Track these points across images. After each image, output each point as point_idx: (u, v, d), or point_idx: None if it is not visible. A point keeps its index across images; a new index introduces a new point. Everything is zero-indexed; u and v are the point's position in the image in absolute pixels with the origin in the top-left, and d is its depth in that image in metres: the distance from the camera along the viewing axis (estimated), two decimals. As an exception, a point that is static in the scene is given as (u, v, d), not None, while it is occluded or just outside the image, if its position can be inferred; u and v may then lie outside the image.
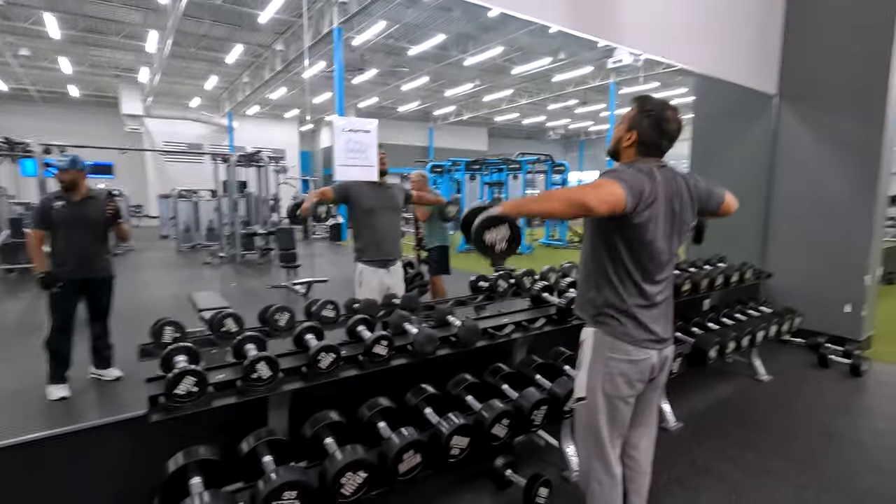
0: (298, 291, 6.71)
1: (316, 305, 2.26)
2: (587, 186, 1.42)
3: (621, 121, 1.63)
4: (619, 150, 1.63)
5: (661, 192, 1.49)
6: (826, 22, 4.08)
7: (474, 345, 2.08)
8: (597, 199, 1.35)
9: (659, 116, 1.53)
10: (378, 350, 1.80)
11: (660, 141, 1.55)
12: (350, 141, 2.28)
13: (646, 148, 1.56)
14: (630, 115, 1.59)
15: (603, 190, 1.39)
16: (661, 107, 1.55)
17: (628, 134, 1.58)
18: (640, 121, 1.55)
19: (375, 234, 3.00)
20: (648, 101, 1.57)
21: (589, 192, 1.37)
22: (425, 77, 19.66)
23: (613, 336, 1.57)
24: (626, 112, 1.63)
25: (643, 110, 1.56)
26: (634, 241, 1.50)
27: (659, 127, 1.53)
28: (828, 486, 2.29)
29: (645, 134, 1.54)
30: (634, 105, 1.60)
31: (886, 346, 4.24)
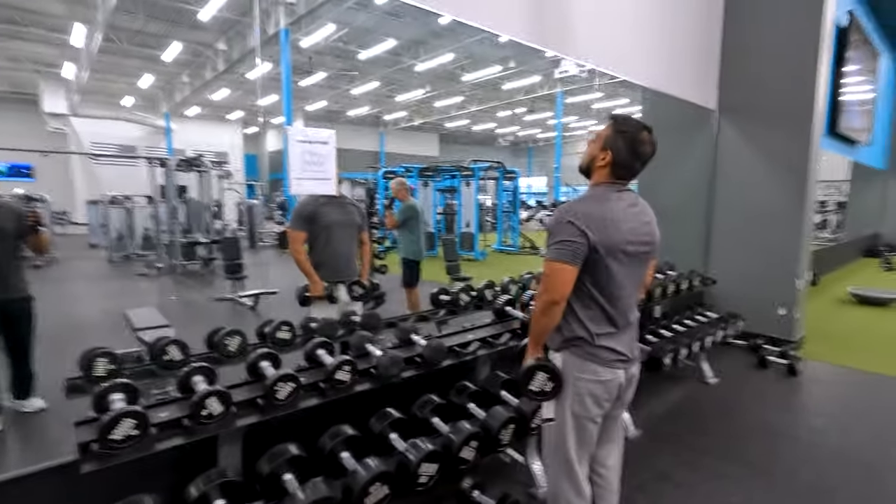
0: (246, 304, 6.38)
1: (270, 326, 2.11)
2: (544, 289, 1.52)
3: (595, 139, 1.61)
4: (592, 168, 1.61)
5: (617, 220, 1.49)
6: (756, 45, 4.35)
7: (440, 364, 2.02)
8: (557, 294, 1.48)
9: (634, 137, 1.52)
10: (340, 376, 1.69)
11: (633, 163, 1.55)
12: (306, 153, 2.15)
13: (619, 170, 1.55)
14: (605, 133, 1.57)
15: (555, 279, 1.48)
16: (636, 128, 1.54)
17: (603, 153, 1.56)
18: (615, 141, 1.54)
19: (331, 251, 2.89)
20: (624, 121, 1.56)
21: (548, 294, 1.49)
22: (376, 82, 19.48)
23: (582, 358, 1.56)
24: (600, 130, 1.61)
25: (619, 130, 1.54)
26: (595, 274, 1.52)
27: (634, 149, 1.53)
28: (777, 487, 2.39)
29: (619, 155, 1.53)
30: (609, 124, 1.58)
31: (816, 346, 4.54)
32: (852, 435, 2.95)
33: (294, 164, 2.11)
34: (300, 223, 2.80)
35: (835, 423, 3.11)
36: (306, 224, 2.79)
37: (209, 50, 15.24)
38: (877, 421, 3.17)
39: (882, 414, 3.30)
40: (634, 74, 3.58)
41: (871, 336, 5.18)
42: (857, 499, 2.33)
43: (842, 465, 2.61)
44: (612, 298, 1.54)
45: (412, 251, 5.14)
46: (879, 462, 2.63)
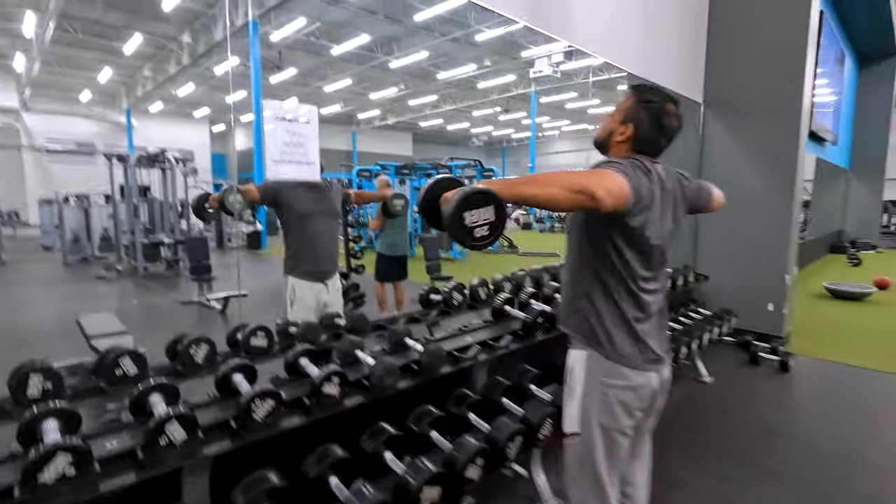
0: (214, 307, 6.00)
1: (243, 333, 1.85)
2: (589, 173, 1.19)
3: (614, 111, 1.42)
4: (609, 144, 1.42)
5: (658, 191, 1.31)
6: (743, 39, 4.29)
7: (439, 372, 1.80)
8: (604, 189, 1.12)
9: (659, 109, 1.34)
10: (328, 390, 1.45)
11: (658, 138, 1.36)
12: (285, 132, 1.89)
13: (641, 146, 1.37)
14: (625, 105, 1.39)
15: (608, 179, 1.16)
16: (662, 98, 1.36)
17: (623, 127, 1.38)
18: (638, 113, 1.36)
19: (311, 243, 2.62)
20: (648, 91, 1.38)
21: (594, 179, 1.14)
22: (349, 79, 19.07)
23: (610, 359, 1.36)
24: (620, 102, 1.43)
25: (642, 100, 1.36)
26: (629, 245, 1.31)
27: (659, 122, 1.34)
28: (786, 489, 2.27)
29: (642, 129, 1.35)
30: (631, 94, 1.39)
31: (800, 341, 4.52)
32: (850, 431, 2.87)
33: (271, 145, 1.85)
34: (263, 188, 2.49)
35: (831, 421, 3.04)
36: (267, 196, 2.48)
37: (173, 43, 14.57)
38: (871, 416, 3.12)
39: (874, 409, 3.26)
40: (628, 63, 3.45)
41: (851, 330, 5.23)
42: (862, 498, 2.22)
43: (845, 463, 2.52)
44: (642, 279, 1.35)
45: (385, 245, 5.20)
46: (882, 460, 2.55)
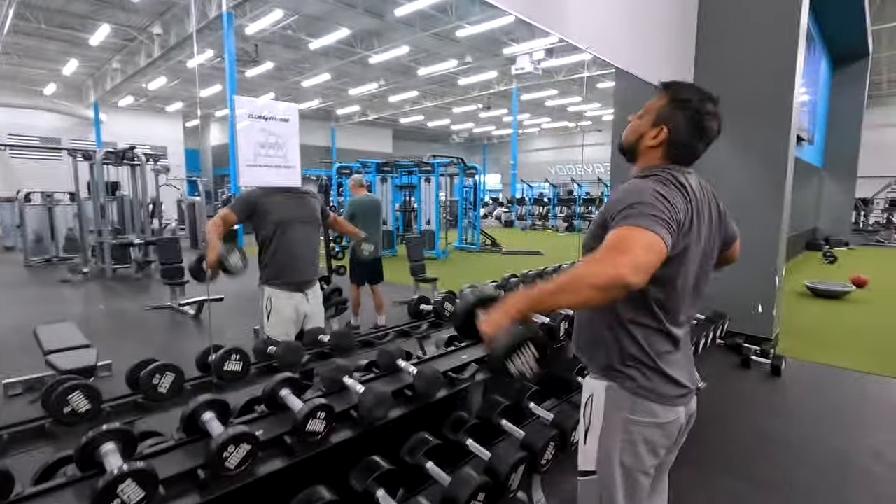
0: (187, 313, 5.71)
1: (215, 356, 1.65)
2: (617, 253, 1.00)
3: (644, 111, 1.26)
4: (639, 149, 1.26)
5: (694, 209, 1.15)
6: (732, 41, 4.22)
7: (434, 397, 1.64)
8: (632, 268, 0.96)
9: (698, 110, 1.18)
10: (313, 427, 1.28)
11: (696, 144, 1.21)
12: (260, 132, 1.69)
13: (676, 151, 1.21)
14: (658, 105, 1.23)
15: (637, 250, 0.99)
16: (701, 97, 1.20)
17: (654, 130, 1.21)
18: (673, 114, 1.20)
19: (290, 251, 2.43)
20: (684, 88, 1.22)
21: (621, 262, 0.97)
22: (327, 74, 18.67)
23: (635, 394, 1.21)
24: (650, 102, 1.26)
25: (678, 100, 1.20)
26: (662, 277, 1.12)
27: (698, 124, 1.19)
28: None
29: (679, 132, 1.19)
30: (664, 93, 1.23)
31: (787, 342, 4.51)
32: (841, 437, 2.83)
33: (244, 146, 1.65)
34: (238, 207, 2.30)
35: (823, 426, 3.00)
36: (242, 211, 2.30)
37: (143, 34, 13.98)
38: (859, 420, 3.09)
39: (860, 412, 3.24)
40: (621, 60, 3.33)
41: (833, 330, 5.26)
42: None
43: (839, 472, 2.46)
44: (672, 309, 1.20)
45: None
46: (873, 466, 2.50)
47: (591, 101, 23.86)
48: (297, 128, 1.83)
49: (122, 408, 1.43)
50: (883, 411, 3.23)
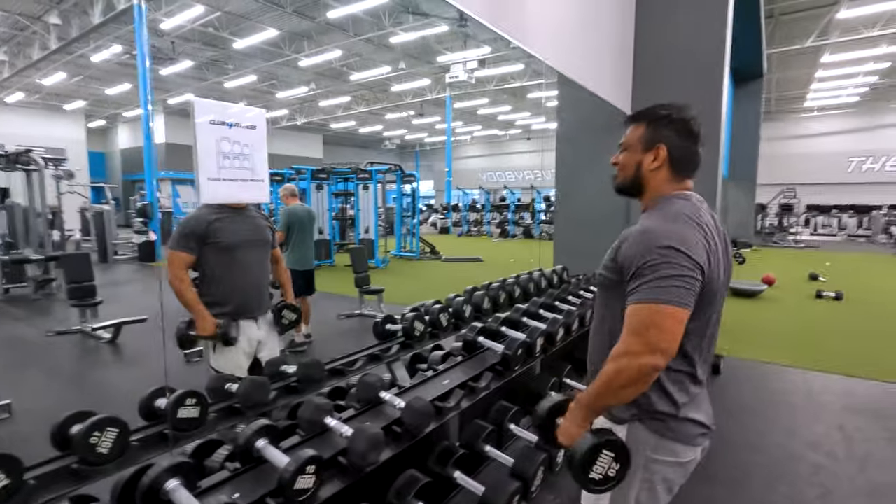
0: (101, 338, 5.08)
1: (169, 399, 1.41)
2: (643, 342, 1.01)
3: (626, 146, 1.23)
4: (643, 178, 1.21)
5: (713, 248, 1.09)
6: (666, 51, 4.48)
7: (425, 431, 1.50)
8: (664, 355, 1.01)
9: (683, 118, 1.17)
10: (302, 484, 1.10)
11: (695, 149, 1.19)
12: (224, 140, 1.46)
13: (680, 164, 1.18)
14: (639, 133, 1.20)
15: (667, 335, 1.01)
16: (677, 108, 1.19)
17: (651, 154, 1.18)
18: (661, 131, 1.17)
19: (238, 277, 2.17)
20: (656, 109, 1.20)
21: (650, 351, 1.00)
22: (253, 75, 17.77)
23: (658, 433, 1.15)
24: (628, 136, 1.23)
25: (658, 118, 1.18)
26: (694, 326, 1.09)
27: (689, 130, 1.17)
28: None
29: (676, 145, 1.17)
30: (639, 122, 1.21)
31: (721, 341, 4.82)
32: (780, 431, 3.03)
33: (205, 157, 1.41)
34: (187, 242, 2.05)
35: (763, 419, 3.20)
36: (196, 244, 2.05)
37: (37, 23, 12.49)
38: (792, 412, 3.34)
39: (791, 404, 3.49)
40: (574, 73, 3.39)
41: (754, 327, 5.72)
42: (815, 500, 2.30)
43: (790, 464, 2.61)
44: (701, 351, 1.16)
45: (295, 260, 4.76)
46: (812, 456, 2.69)
47: (521, 111, 24.63)
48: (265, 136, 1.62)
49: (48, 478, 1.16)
50: (811, 403, 3.51)
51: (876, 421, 3.19)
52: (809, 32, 12.98)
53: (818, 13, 12.26)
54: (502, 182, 27.58)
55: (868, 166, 22.41)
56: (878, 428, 3.09)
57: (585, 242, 4.05)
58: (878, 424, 3.14)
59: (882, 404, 3.46)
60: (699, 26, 4.34)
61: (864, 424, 3.14)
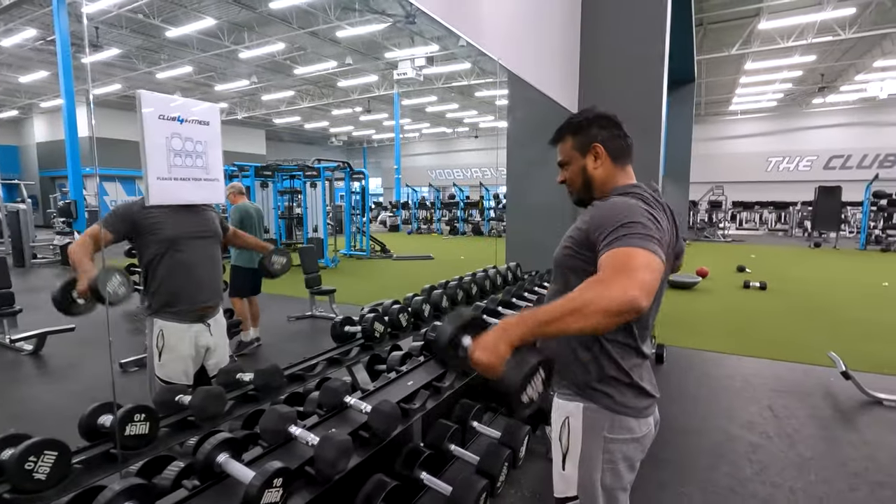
0: (22, 350, 4.64)
1: (115, 416, 1.30)
2: (624, 275, 0.95)
3: (566, 160, 1.31)
4: (593, 180, 1.28)
5: (667, 224, 1.17)
6: (609, 56, 4.67)
7: (391, 435, 1.48)
8: (644, 292, 0.92)
9: (599, 115, 1.28)
10: (269, 498, 1.05)
11: (624, 135, 1.28)
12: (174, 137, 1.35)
13: (618, 153, 1.27)
14: (570, 143, 1.29)
15: (645, 275, 0.95)
16: (589, 110, 1.30)
17: (590, 156, 1.27)
18: (589, 131, 1.26)
19: (186, 273, 2.03)
20: (574, 118, 1.30)
21: (634, 285, 0.92)
22: (188, 66, 16.82)
23: (613, 410, 1.21)
24: (563, 150, 1.32)
25: (580, 123, 1.28)
26: None
27: (611, 124, 1.27)
28: (704, 486, 2.43)
29: (607, 139, 1.26)
30: (566, 134, 1.30)
31: (663, 331, 5.10)
32: (721, 414, 3.25)
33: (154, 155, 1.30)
34: (114, 222, 1.89)
35: (706, 405, 3.41)
36: (123, 227, 1.90)
37: (-68, 1, 11.18)
38: (730, 396, 3.58)
39: (729, 389, 3.74)
40: (525, 73, 3.45)
41: (693, 317, 6.08)
42: (752, 477, 2.48)
43: (730, 444, 2.79)
44: (644, 324, 1.23)
45: (244, 257, 4.60)
46: (748, 436, 2.90)
47: (468, 109, 24.83)
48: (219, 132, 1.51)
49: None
50: (745, 387, 3.78)
51: (800, 400, 3.49)
52: (734, 41, 13.95)
53: (742, 23, 13.19)
54: (451, 180, 27.69)
55: (784, 166, 24.46)
56: (801, 406, 3.38)
57: (536, 239, 4.15)
58: (802, 403, 3.44)
59: (804, 385, 3.79)
60: (640, 32, 4.55)
61: (791, 404, 3.42)
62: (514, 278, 3.71)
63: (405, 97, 21.42)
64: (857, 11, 12.20)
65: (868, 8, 12.17)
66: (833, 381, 3.77)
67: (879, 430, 3.03)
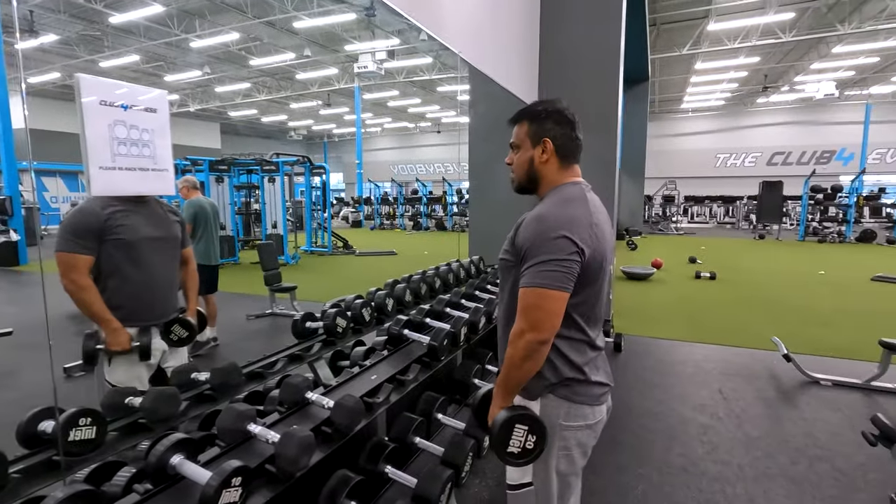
0: (-49, 357, 4.29)
1: (58, 421, 1.22)
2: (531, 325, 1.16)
3: (517, 144, 1.33)
4: (537, 173, 1.30)
5: (598, 224, 1.21)
6: (567, 53, 4.76)
7: (356, 429, 1.46)
8: (549, 327, 1.15)
9: (558, 109, 1.28)
10: (228, 499, 1.02)
11: (575, 135, 1.30)
12: (118, 125, 1.27)
13: (566, 151, 1.29)
14: (524, 130, 1.30)
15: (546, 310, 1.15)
16: (551, 102, 1.31)
17: (539, 148, 1.28)
18: (543, 125, 1.28)
19: (142, 279, 1.92)
20: (533, 106, 1.31)
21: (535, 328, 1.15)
22: (135, 55, 15.98)
23: (568, 400, 1.24)
24: (516, 135, 1.33)
25: (536, 113, 1.29)
26: (585, 294, 1.22)
27: (566, 120, 1.28)
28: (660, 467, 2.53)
29: (559, 135, 1.27)
30: (522, 121, 1.31)
31: (620, 321, 5.27)
32: (674, 398, 3.39)
33: (96, 143, 1.21)
34: (84, 241, 1.75)
35: (664, 391, 3.55)
36: (94, 242, 1.76)
37: None
38: (683, 381, 3.74)
39: (681, 374, 3.91)
40: (487, 68, 3.46)
41: (649, 306, 6.31)
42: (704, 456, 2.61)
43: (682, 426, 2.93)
44: (593, 318, 1.28)
45: (200, 254, 4.43)
46: (700, 417, 3.05)
47: (431, 104, 24.76)
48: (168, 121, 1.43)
49: None
50: (697, 372, 3.95)
51: (748, 383, 3.69)
52: (686, 41, 14.51)
53: (692, 24, 13.73)
54: (414, 175, 27.58)
55: (732, 162, 25.72)
56: (749, 388, 3.58)
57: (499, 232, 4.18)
58: (748, 386, 3.63)
59: (751, 368, 4.01)
60: (597, 31, 4.65)
61: (738, 386, 3.61)
62: (477, 271, 3.74)
63: (366, 91, 21.14)
64: (796, 15, 12.94)
65: (806, 13, 12.93)
66: (776, 363, 4.01)
67: (817, 408, 3.24)
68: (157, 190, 1.53)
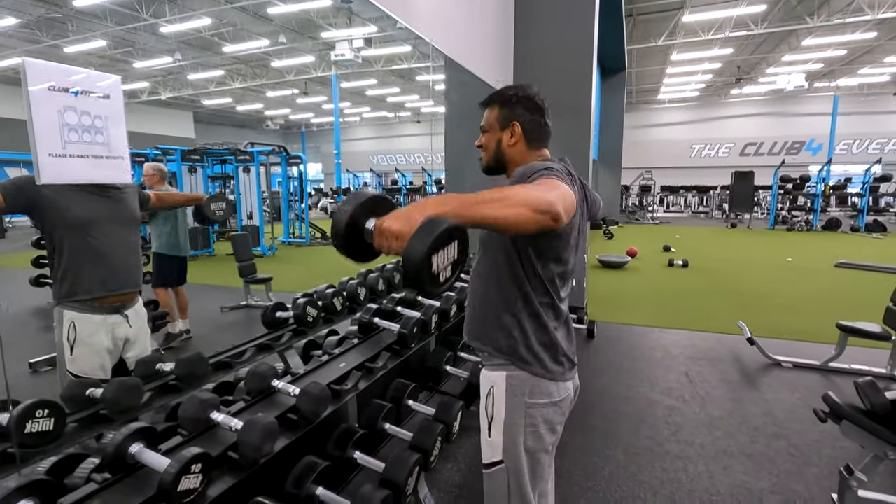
0: None
1: (12, 413, 1.20)
2: (545, 186, 1.03)
3: (486, 127, 1.35)
4: (505, 154, 1.33)
5: (577, 189, 1.24)
6: (542, 42, 4.78)
7: (322, 416, 1.48)
8: (564, 207, 0.98)
9: (528, 95, 1.31)
10: (187, 485, 1.03)
11: (544, 120, 1.33)
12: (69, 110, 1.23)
13: (534, 136, 1.32)
14: (494, 114, 1.33)
15: (564, 193, 1.04)
16: (521, 87, 1.34)
17: (507, 131, 1.31)
18: (513, 110, 1.31)
19: (98, 260, 1.89)
20: (504, 90, 1.34)
21: (554, 196, 0.98)
22: (101, 40, 15.41)
23: (535, 374, 1.28)
24: (486, 118, 1.36)
25: (506, 98, 1.31)
26: (553, 255, 1.23)
27: (535, 105, 1.31)
28: (626, 448, 2.61)
29: (527, 120, 1.31)
30: (493, 104, 1.34)
31: (594, 308, 5.38)
32: (644, 382, 3.49)
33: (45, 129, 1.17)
34: (10, 191, 1.65)
35: (634, 376, 3.65)
36: (17, 201, 1.67)
37: None
38: (653, 366, 3.85)
39: (651, 359, 4.02)
40: (460, 56, 3.46)
41: (622, 294, 6.45)
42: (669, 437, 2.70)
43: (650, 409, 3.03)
44: (561, 289, 1.30)
45: (168, 244, 4.35)
46: (667, 400, 3.15)
47: (410, 93, 24.54)
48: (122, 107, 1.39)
49: None
50: (665, 356, 4.07)
51: (712, 366, 3.81)
52: (661, 32, 14.66)
53: (668, 15, 13.87)
54: (393, 165, 27.39)
55: (706, 152, 26.23)
56: (713, 371, 3.70)
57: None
58: (713, 369, 3.76)
59: (716, 352, 4.14)
60: (571, 21, 4.68)
61: (704, 370, 3.73)
62: (451, 261, 3.76)
63: (344, 80, 20.82)
64: (767, 8, 13.19)
65: (777, 5, 13.19)
66: (741, 347, 4.15)
67: (777, 389, 3.38)
68: (110, 177, 1.50)
